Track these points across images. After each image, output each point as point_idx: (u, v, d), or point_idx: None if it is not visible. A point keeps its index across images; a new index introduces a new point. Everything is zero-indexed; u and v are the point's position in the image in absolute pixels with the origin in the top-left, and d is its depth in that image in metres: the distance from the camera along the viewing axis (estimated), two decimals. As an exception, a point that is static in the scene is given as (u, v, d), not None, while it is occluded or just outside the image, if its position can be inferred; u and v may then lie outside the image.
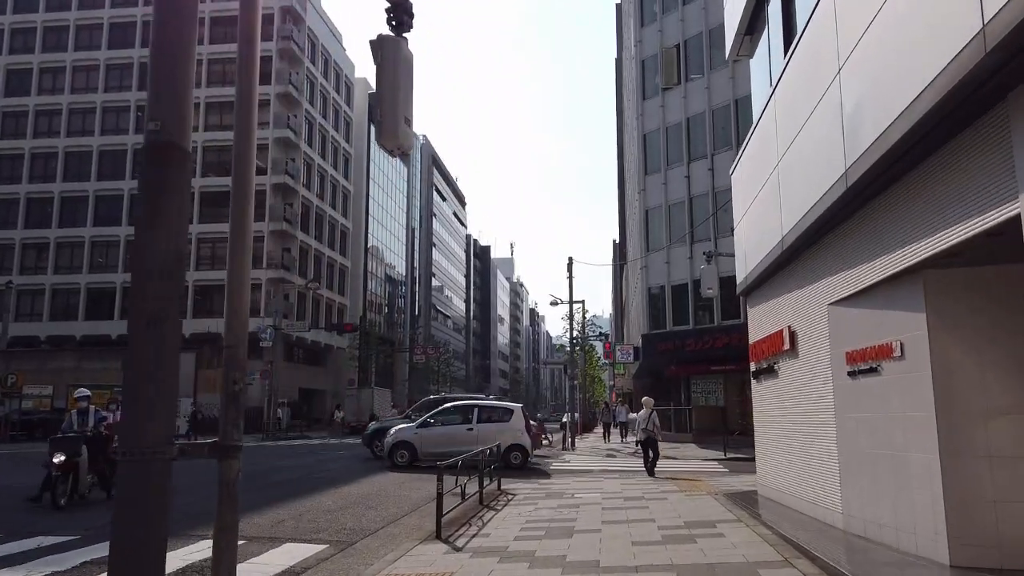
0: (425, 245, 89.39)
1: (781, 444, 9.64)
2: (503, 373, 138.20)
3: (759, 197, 9.90)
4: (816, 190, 7.18)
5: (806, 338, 8.45)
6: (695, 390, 30.19)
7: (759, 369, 10.60)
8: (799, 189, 7.90)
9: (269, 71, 51.40)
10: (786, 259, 8.85)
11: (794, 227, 8.06)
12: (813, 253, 8.04)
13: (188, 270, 49.57)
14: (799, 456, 8.82)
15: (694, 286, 29.38)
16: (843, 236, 7.15)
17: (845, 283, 7.15)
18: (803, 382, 8.57)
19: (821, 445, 7.98)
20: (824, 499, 7.93)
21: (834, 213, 6.95)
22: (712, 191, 28.83)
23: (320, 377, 57.81)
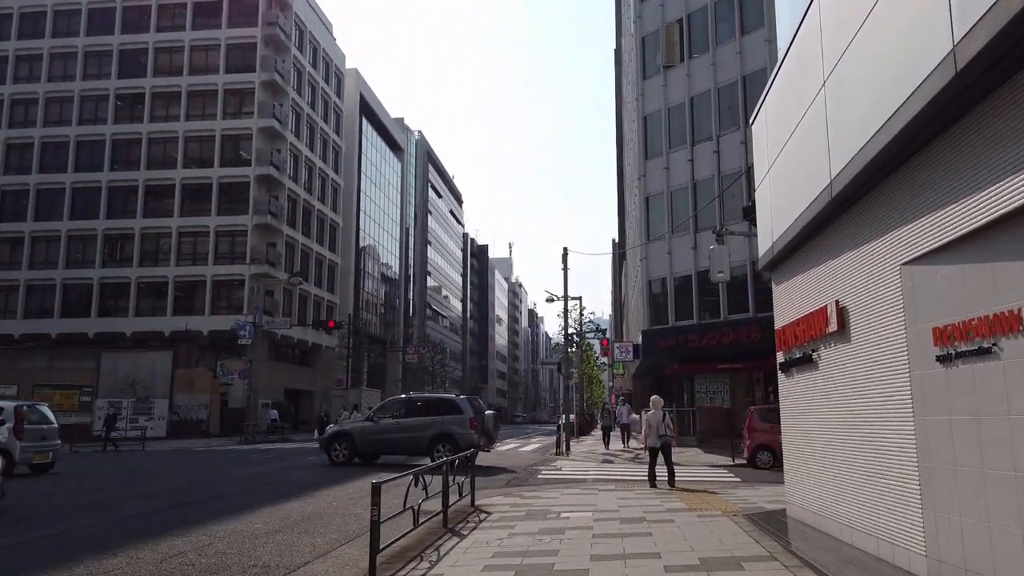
0: (420, 243, 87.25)
1: (823, 454, 7.53)
2: (501, 374, 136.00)
3: (793, 140, 7.79)
4: (890, 96, 5.08)
5: (862, 315, 6.34)
6: (699, 390, 28.10)
7: (789, 360, 8.49)
8: (860, 107, 5.79)
9: (253, 58, 49.36)
10: (832, 212, 6.75)
11: (851, 162, 5.95)
12: (879, 196, 5.92)
13: (169, 266, 47.63)
14: (852, 470, 6.70)
15: (698, 278, 27.32)
16: (935, 159, 5.03)
17: (932, 231, 5.04)
18: (858, 372, 6.46)
19: (888, 457, 5.88)
20: (892, 532, 5.82)
21: (921, 128, 4.84)
22: (718, 175, 26.74)
23: (309, 377, 55.70)
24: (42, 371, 41.96)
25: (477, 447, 17.77)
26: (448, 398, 19.22)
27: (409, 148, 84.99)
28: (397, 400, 19.73)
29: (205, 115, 49.26)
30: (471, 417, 17.91)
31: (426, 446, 17.54)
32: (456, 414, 17.98)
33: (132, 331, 46.54)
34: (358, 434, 18.36)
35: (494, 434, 19.06)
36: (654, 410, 13.97)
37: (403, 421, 18.22)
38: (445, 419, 17.92)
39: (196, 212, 48.08)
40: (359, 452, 18.30)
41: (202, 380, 41.43)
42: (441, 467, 9.68)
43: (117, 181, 48.73)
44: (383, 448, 18.32)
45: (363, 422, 19.17)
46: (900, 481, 5.65)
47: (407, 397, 19.74)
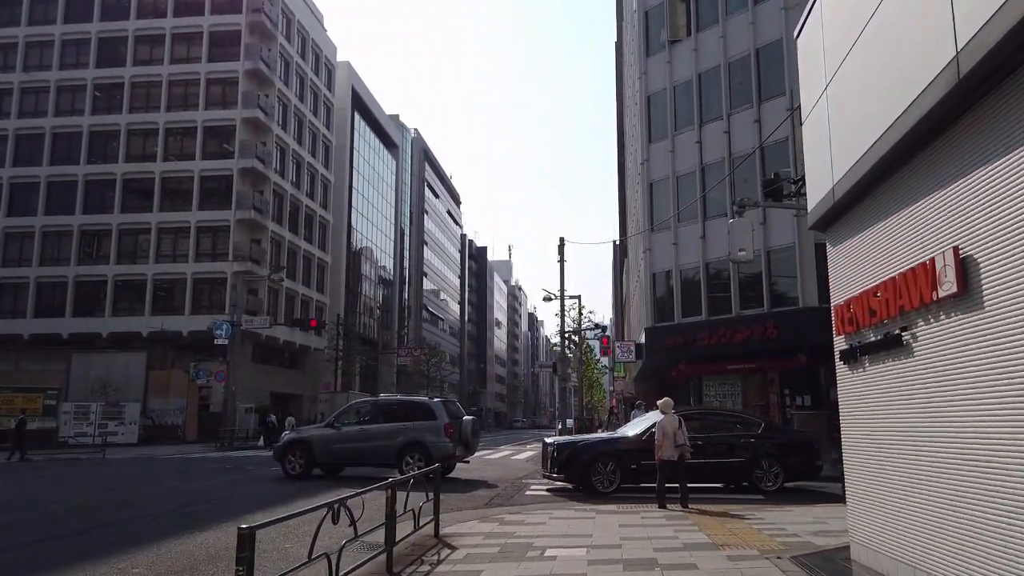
0: (416, 243, 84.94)
1: (915, 477, 5.19)
2: (500, 378, 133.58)
3: (872, 29, 5.46)
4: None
5: (1005, 267, 4.01)
6: (708, 393, 25.76)
7: (858, 346, 6.15)
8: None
9: (237, 47, 47.14)
10: (953, 108, 4.43)
11: (1001, 11, 3.63)
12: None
13: (147, 263, 45.34)
14: (968, 506, 4.37)
15: (707, 270, 25.00)
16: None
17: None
18: (993, 356, 4.13)
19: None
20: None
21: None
22: (729, 157, 24.43)
23: (296, 381, 53.36)
24: (8, 374, 39.60)
25: (452, 457, 15.60)
26: (420, 401, 16.97)
27: (405, 146, 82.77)
28: (363, 404, 17.59)
29: (187, 106, 47.03)
30: (446, 423, 15.65)
31: (394, 456, 15.26)
32: (429, 420, 15.71)
33: (109, 331, 44.24)
34: (317, 442, 16.05)
35: (473, 443, 16.77)
36: (667, 415, 11.64)
37: (368, 428, 15.90)
38: (416, 425, 15.61)
39: (177, 207, 45.84)
40: (318, 463, 16.04)
41: (178, 383, 39.10)
42: (404, 484, 7.40)
43: (94, 175, 46.48)
44: (346, 458, 16.02)
45: (323, 428, 16.85)
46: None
47: (374, 400, 17.84)
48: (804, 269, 22.35)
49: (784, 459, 13.48)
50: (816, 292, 22.08)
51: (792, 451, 13.74)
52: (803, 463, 13.72)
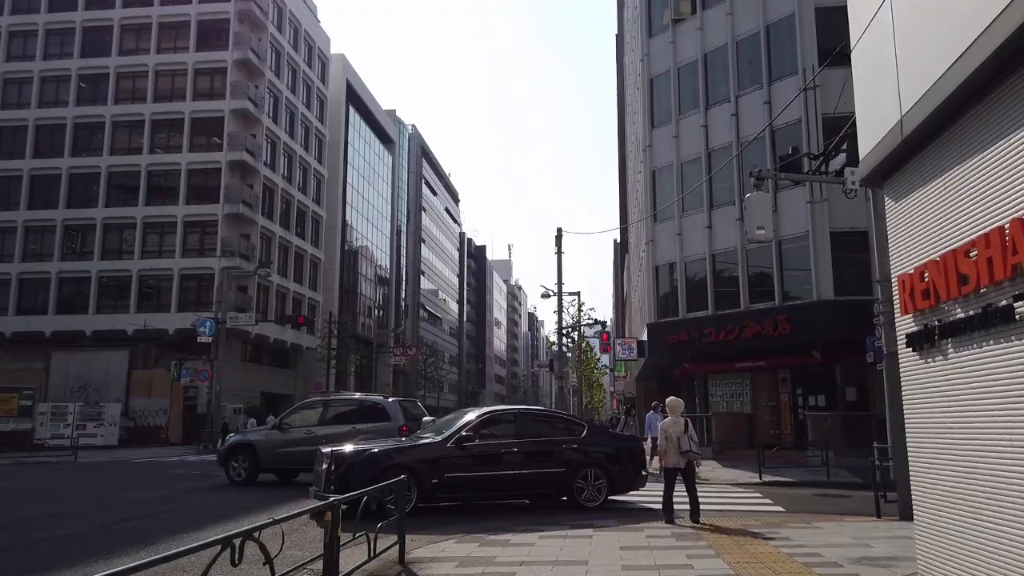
0: (413, 241, 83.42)
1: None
2: (499, 378, 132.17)
3: None
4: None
5: None
6: (715, 393, 24.28)
7: (937, 325, 4.66)
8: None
9: (226, 36, 45.69)
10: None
11: None
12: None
13: (132, 259, 43.89)
14: None
15: (714, 262, 23.51)
16: None
17: None
18: None
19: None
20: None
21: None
22: (736, 141, 22.94)
23: (287, 380, 51.91)
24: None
25: None
26: (374, 401, 15.47)
27: (402, 142, 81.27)
28: (313, 403, 16.17)
29: (173, 97, 45.60)
30: (401, 425, 14.17)
31: None
32: (383, 422, 14.31)
33: (93, 330, 42.81)
34: (262, 446, 14.80)
35: None
36: (672, 417, 10.15)
37: (316, 430, 14.37)
38: (369, 428, 14.09)
39: (163, 201, 44.41)
40: (264, 468, 14.73)
41: (162, 382, 37.61)
42: (353, 504, 5.93)
43: (78, 168, 45.02)
44: (292, 463, 14.60)
45: (268, 430, 15.55)
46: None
47: (324, 399, 16.15)
48: (819, 259, 20.86)
49: (610, 468, 11.30)
50: (832, 284, 20.61)
51: (618, 459, 11.55)
52: (629, 473, 11.62)
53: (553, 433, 11.52)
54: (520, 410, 12.31)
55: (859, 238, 20.82)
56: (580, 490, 11.05)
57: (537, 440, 11.15)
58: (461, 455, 10.48)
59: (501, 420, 11.44)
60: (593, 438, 11.57)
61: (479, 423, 11.04)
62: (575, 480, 11.00)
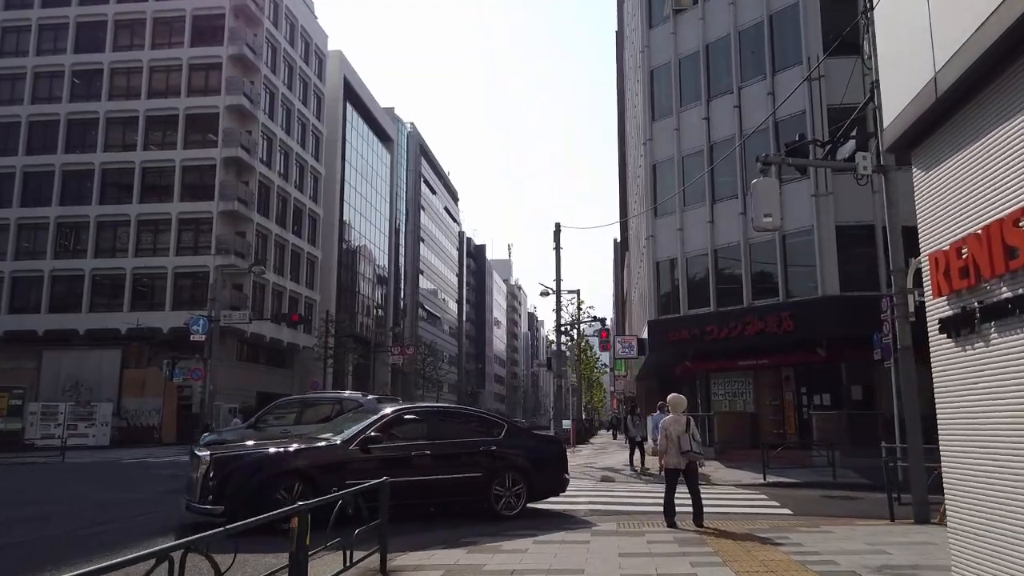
0: (412, 239, 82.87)
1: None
2: (499, 378, 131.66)
3: None
4: None
5: None
6: (717, 392, 23.72)
7: (980, 306, 4.11)
8: None
9: (221, 31, 45.14)
10: None
11: None
12: None
13: (126, 256, 43.37)
14: None
15: (716, 257, 22.96)
16: None
17: None
18: None
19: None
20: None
21: None
22: (739, 133, 22.38)
23: (284, 380, 51.26)
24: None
25: None
26: (353, 398, 14.84)
27: (400, 140, 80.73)
28: (290, 401, 15.57)
29: (168, 93, 45.05)
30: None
31: None
32: (359, 421, 13.78)
33: (86, 328, 42.30)
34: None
35: None
36: (673, 414, 9.61)
37: (294, 430, 13.63)
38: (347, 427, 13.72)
39: (157, 199, 43.87)
40: None
41: (155, 381, 37.01)
42: (326, 508, 5.36)
43: (72, 165, 44.48)
44: None
45: (243, 430, 14.91)
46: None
47: (302, 397, 15.78)
48: (824, 254, 20.31)
49: (530, 472, 10.25)
50: (837, 279, 20.06)
51: (539, 462, 10.54)
52: (551, 477, 10.67)
53: (469, 434, 10.42)
54: (433, 408, 11.34)
55: (865, 232, 20.30)
56: (497, 497, 10.02)
57: (451, 442, 10.02)
58: (365, 459, 9.17)
59: (411, 419, 10.24)
60: (512, 439, 10.49)
61: (385, 422, 9.80)
62: (492, 486, 9.92)
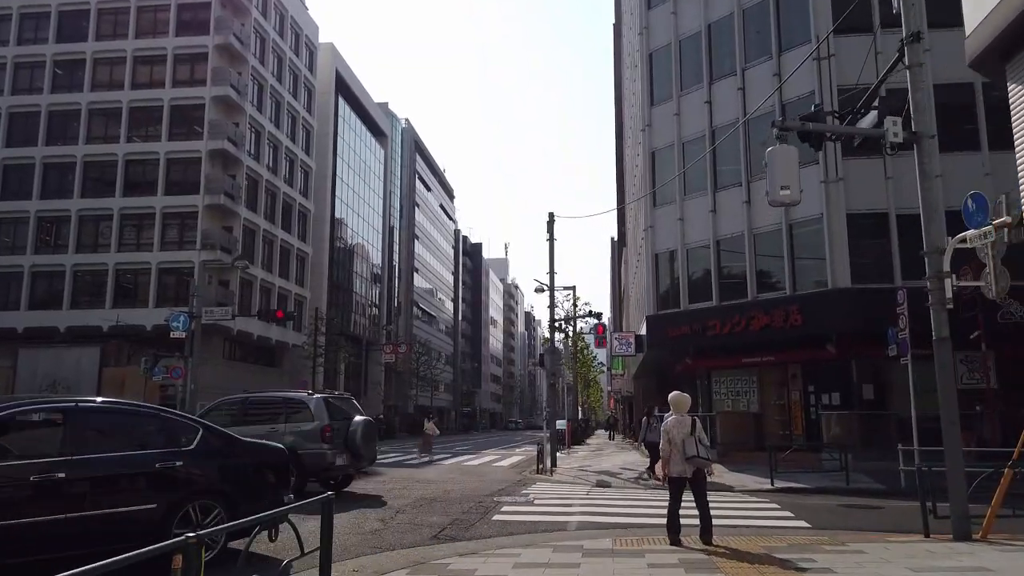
0: (407, 237, 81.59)
1: None
2: (495, 378, 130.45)
3: None
4: None
5: None
6: (719, 391, 22.50)
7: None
8: None
9: (207, 20, 43.83)
10: None
11: None
12: None
13: (109, 252, 42.07)
14: None
15: (719, 248, 21.75)
16: None
17: None
18: None
19: None
20: None
21: None
22: (743, 116, 21.16)
23: (274, 379, 49.84)
24: (-49, 370, 36.30)
25: (332, 469, 12.71)
26: (295, 398, 13.93)
27: (395, 136, 79.45)
28: (231, 400, 14.56)
29: (152, 83, 43.70)
30: (324, 425, 12.63)
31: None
32: (304, 421, 12.77)
33: (67, 326, 40.94)
34: None
35: (365, 451, 13.48)
36: (676, 415, 8.41)
37: (232, 431, 12.61)
38: (288, 428, 12.60)
39: (141, 192, 42.55)
40: None
41: (135, 381, 35.66)
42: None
43: (53, 158, 43.14)
44: None
45: None
46: None
47: (244, 397, 14.57)
48: (834, 244, 19.09)
49: (234, 499, 7.05)
50: (848, 271, 18.85)
51: (249, 484, 7.48)
52: (265, 501, 7.05)
53: (136, 445, 6.86)
54: (78, 406, 6.66)
55: (878, 220, 19.12)
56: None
57: (106, 458, 6.50)
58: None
59: (36, 423, 6.80)
60: (207, 450, 7.18)
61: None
62: (172, 523, 6.58)
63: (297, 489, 11.97)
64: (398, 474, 17.87)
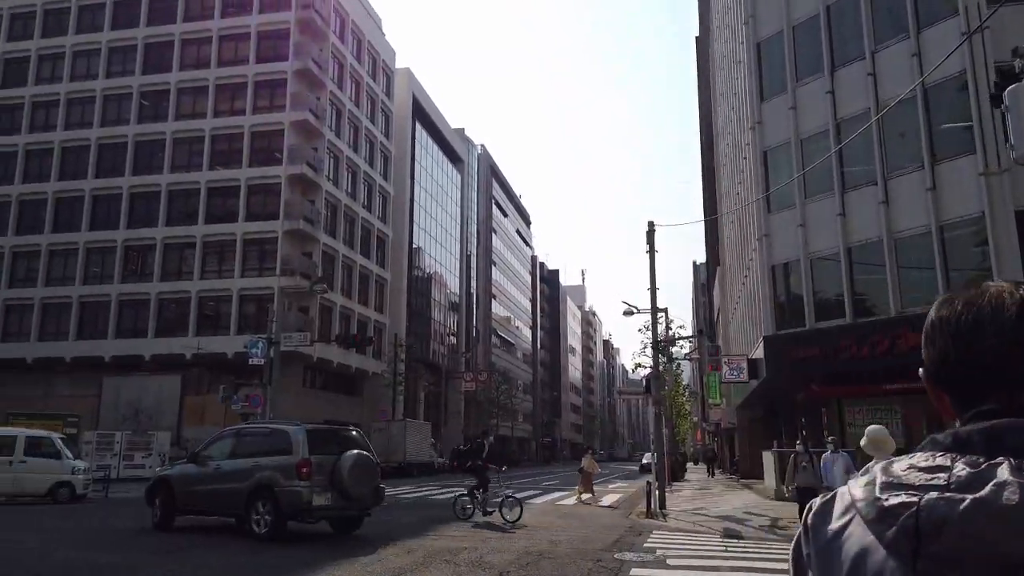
0: (484, 263, 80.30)
1: None
2: (575, 407, 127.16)
3: None
4: None
5: None
6: (854, 423, 19.41)
7: None
8: None
9: (286, 47, 43.75)
10: None
11: None
12: None
13: (192, 279, 41.97)
14: None
15: (851, 256, 18.89)
16: None
17: None
18: None
19: None
20: None
21: None
22: (875, 106, 18.40)
23: (354, 408, 48.78)
24: (37, 399, 36.40)
25: (311, 511, 10.98)
26: (279, 429, 12.21)
27: (471, 161, 78.66)
28: (229, 432, 13.50)
29: (233, 110, 43.83)
30: (299, 460, 11.09)
31: (242, 504, 11.32)
32: (282, 455, 11.43)
33: (151, 353, 40.89)
34: (178, 483, 12.57)
35: (355, 490, 11.43)
36: (879, 458, 5.86)
37: (224, 464, 12.09)
38: (270, 462, 11.45)
39: (223, 219, 42.45)
40: (180, 508, 12.42)
41: (215, 409, 34.92)
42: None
43: (139, 187, 43.63)
44: (202, 504, 12.36)
45: (184, 464, 13.25)
46: None
47: (237, 428, 13.57)
48: (1000, 246, 16.05)
49: None
50: (1021, 276, 15.75)
51: None
52: None
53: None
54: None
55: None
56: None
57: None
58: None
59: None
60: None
61: None
62: None
63: (274, 530, 10.71)
64: (491, 516, 15.71)
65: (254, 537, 10.94)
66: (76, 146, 44.70)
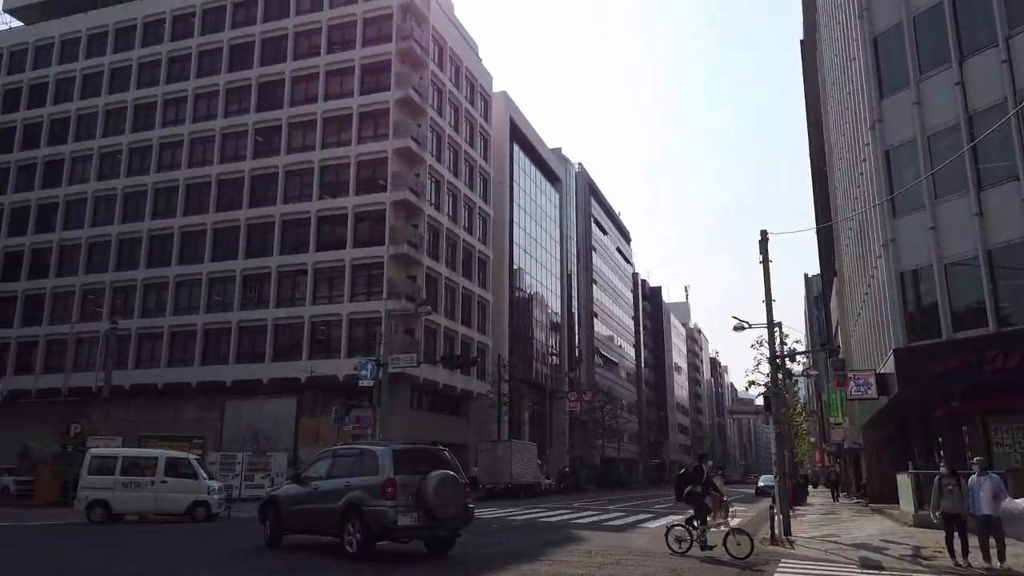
0: (584, 282, 79.67)
1: None
2: (683, 428, 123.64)
3: None
4: None
5: None
6: (1002, 441, 17.71)
7: None
8: None
9: (387, 78, 45.12)
10: None
11: None
12: None
13: (304, 305, 43.59)
14: None
15: (991, 259, 17.30)
16: None
17: None
18: None
19: None
20: None
21: None
22: (1013, 95, 16.85)
23: (459, 428, 49.22)
24: (167, 422, 38.60)
25: (397, 531, 10.84)
26: (368, 450, 12.23)
27: (568, 180, 78.51)
28: (325, 453, 13.50)
29: (340, 142, 45.54)
30: (385, 479, 11.01)
31: (336, 523, 11.54)
32: (370, 475, 11.43)
33: (269, 377, 42.73)
34: (284, 502, 12.84)
35: (440, 510, 11.06)
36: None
37: (321, 484, 12.31)
38: (359, 483, 11.53)
39: (331, 246, 44.04)
40: (287, 527, 12.72)
41: (328, 430, 35.90)
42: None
43: (254, 219, 45.93)
44: (303, 523, 12.60)
45: (289, 484, 13.49)
46: None
47: (334, 449, 13.61)
48: None
49: None
50: None
51: None
52: None
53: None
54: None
55: None
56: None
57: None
58: None
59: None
60: None
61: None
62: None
63: (363, 549, 10.74)
64: (603, 541, 15.16)
65: (347, 557, 11.01)
66: (198, 183, 47.58)
